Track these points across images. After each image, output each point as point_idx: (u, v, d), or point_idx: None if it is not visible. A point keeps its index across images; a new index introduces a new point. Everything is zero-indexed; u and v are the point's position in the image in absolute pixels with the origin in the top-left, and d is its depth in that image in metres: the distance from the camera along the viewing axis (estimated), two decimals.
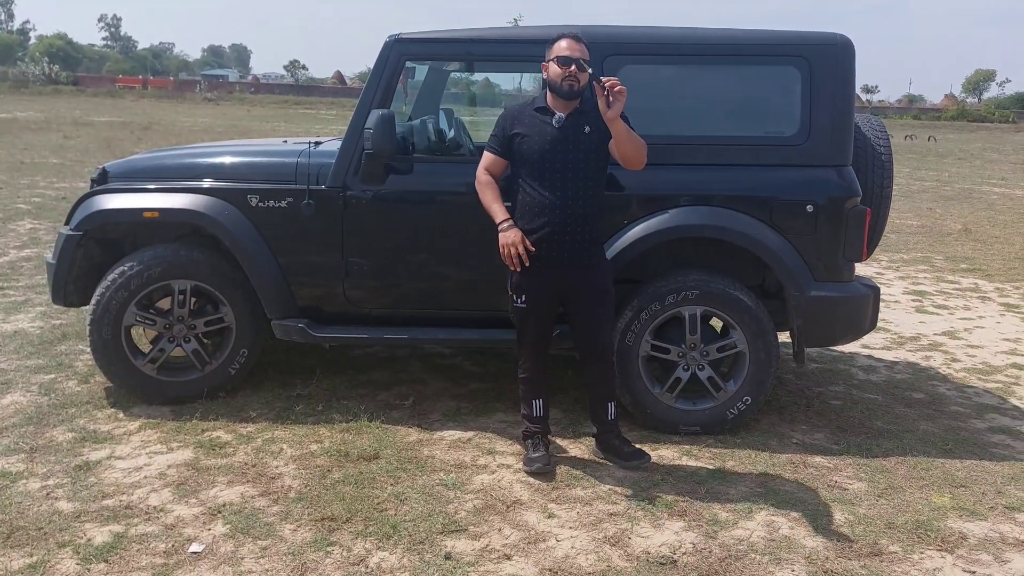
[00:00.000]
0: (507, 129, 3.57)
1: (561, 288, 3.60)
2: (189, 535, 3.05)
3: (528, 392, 3.74)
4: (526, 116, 3.55)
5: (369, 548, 3.00)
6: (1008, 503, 3.49)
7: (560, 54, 3.46)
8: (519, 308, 3.63)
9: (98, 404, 4.22)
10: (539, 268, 3.53)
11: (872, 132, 4.30)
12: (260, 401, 4.31)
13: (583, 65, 3.44)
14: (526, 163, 3.51)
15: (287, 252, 4.14)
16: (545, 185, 3.49)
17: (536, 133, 3.50)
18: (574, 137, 3.49)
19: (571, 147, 3.49)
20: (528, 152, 3.50)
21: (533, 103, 3.59)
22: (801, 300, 3.96)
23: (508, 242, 3.49)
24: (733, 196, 3.97)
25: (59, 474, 3.48)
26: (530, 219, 3.51)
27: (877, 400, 4.70)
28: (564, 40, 3.48)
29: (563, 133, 3.48)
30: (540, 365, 3.73)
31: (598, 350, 3.70)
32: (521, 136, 3.53)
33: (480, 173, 3.64)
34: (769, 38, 4.13)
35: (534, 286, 3.57)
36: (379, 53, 4.08)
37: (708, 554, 3.04)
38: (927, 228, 11.17)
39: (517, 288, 3.60)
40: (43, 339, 5.19)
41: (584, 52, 3.47)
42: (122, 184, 4.27)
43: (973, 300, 7.26)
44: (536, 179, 3.50)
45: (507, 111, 3.64)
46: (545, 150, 3.48)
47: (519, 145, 3.53)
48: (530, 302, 3.59)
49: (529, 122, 3.53)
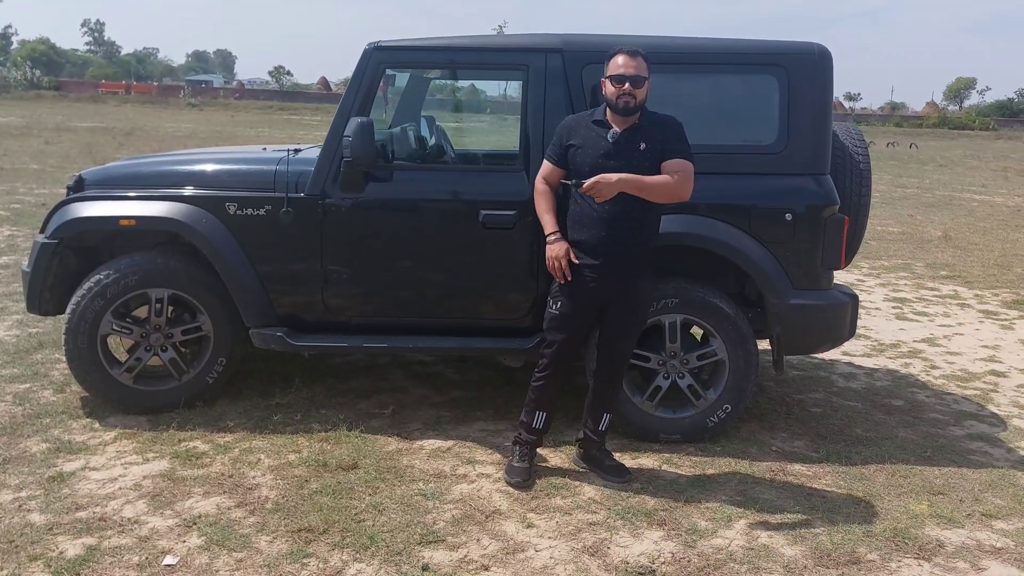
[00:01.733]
0: (564, 140, 3.54)
1: (603, 299, 3.57)
2: (164, 547, 3.02)
3: (536, 401, 3.68)
4: (583, 128, 3.53)
5: (346, 560, 2.98)
6: (985, 510, 3.51)
7: (615, 72, 3.44)
8: (554, 314, 3.58)
9: (73, 414, 4.17)
10: (582, 278, 3.51)
11: (850, 140, 4.32)
12: (238, 410, 4.27)
13: (639, 81, 3.43)
14: (578, 175, 3.47)
15: (266, 260, 4.11)
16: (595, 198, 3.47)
17: (591, 145, 3.48)
18: (628, 152, 3.46)
19: (624, 162, 3.45)
20: (581, 164, 3.48)
21: (592, 114, 3.56)
22: (780, 308, 3.97)
23: (553, 255, 3.49)
24: (712, 204, 3.98)
25: (32, 485, 3.44)
26: (580, 230, 3.51)
27: (857, 407, 4.72)
28: (620, 56, 3.46)
29: (617, 148, 3.46)
30: (558, 376, 3.68)
31: (618, 361, 3.70)
32: (576, 148, 3.50)
33: (538, 181, 3.63)
34: (748, 47, 4.15)
35: (574, 295, 3.53)
36: (359, 61, 4.06)
37: (687, 563, 3.03)
38: (908, 235, 11.25)
39: (556, 295, 3.57)
40: (18, 348, 5.13)
41: (641, 67, 3.44)
42: (98, 191, 4.23)
43: (953, 307, 7.31)
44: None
45: (565, 121, 3.62)
46: (597, 163, 3.45)
47: (573, 156, 3.51)
48: (565, 309, 3.55)
49: (585, 134, 3.51)
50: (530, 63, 4.02)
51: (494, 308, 4.17)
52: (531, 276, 4.02)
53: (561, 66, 4.01)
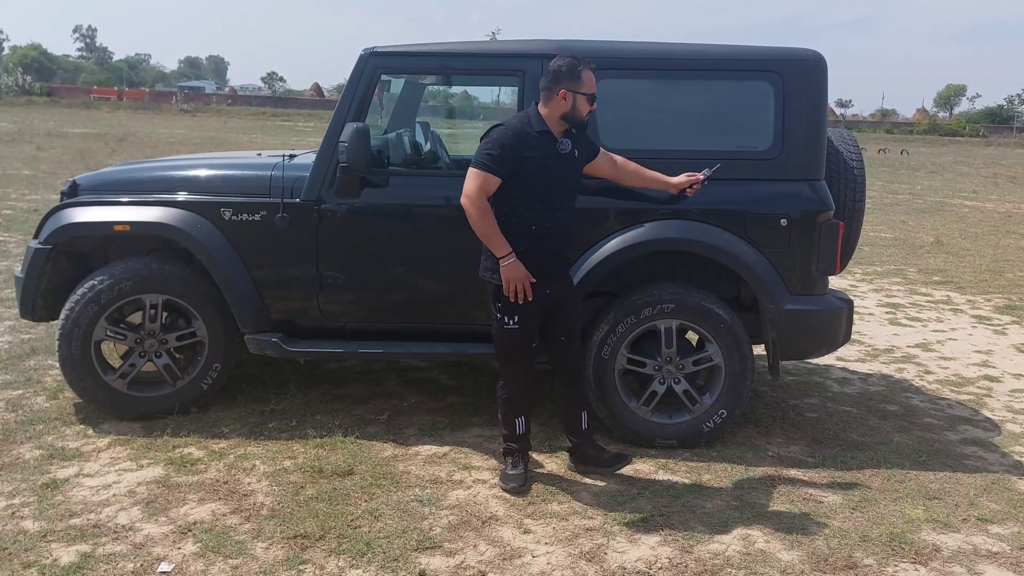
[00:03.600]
0: (517, 151, 3.40)
1: (549, 306, 3.60)
2: (158, 554, 3.00)
3: (510, 412, 3.68)
4: (533, 139, 3.45)
5: (342, 566, 2.96)
6: (981, 515, 3.51)
7: (591, 91, 3.47)
8: (512, 330, 3.55)
9: (67, 420, 4.15)
10: (538, 292, 3.49)
11: (844, 146, 4.34)
12: (233, 416, 4.26)
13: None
14: (528, 187, 3.43)
15: (261, 266, 4.10)
16: (548, 209, 3.48)
17: (546, 156, 3.46)
18: (570, 162, 3.53)
19: (570, 172, 3.52)
20: (538, 176, 3.44)
21: (531, 124, 3.47)
22: (776, 313, 3.98)
23: (514, 277, 3.42)
24: (707, 210, 3.99)
25: (25, 492, 3.41)
26: (529, 243, 3.46)
27: (852, 412, 4.72)
28: (590, 72, 3.48)
29: (565, 159, 3.50)
30: (525, 385, 3.69)
31: (574, 362, 3.71)
32: (530, 160, 3.42)
33: (478, 197, 3.40)
34: (743, 54, 4.16)
35: (529, 308, 3.51)
36: (354, 66, 4.06)
37: (684, 568, 3.03)
38: (900, 241, 11.30)
39: (510, 311, 3.52)
40: (11, 354, 5.10)
41: None
42: (93, 197, 4.21)
43: (945, 312, 7.34)
44: (539, 203, 3.46)
45: (509, 132, 3.44)
46: (555, 176, 3.47)
47: (528, 168, 3.42)
48: (523, 323, 3.54)
49: (538, 145, 3.45)
50: (526, 69, 4.03)
51: (489, 313, 4.15)
52: None
53: None
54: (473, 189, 3.41)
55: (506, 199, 3.46)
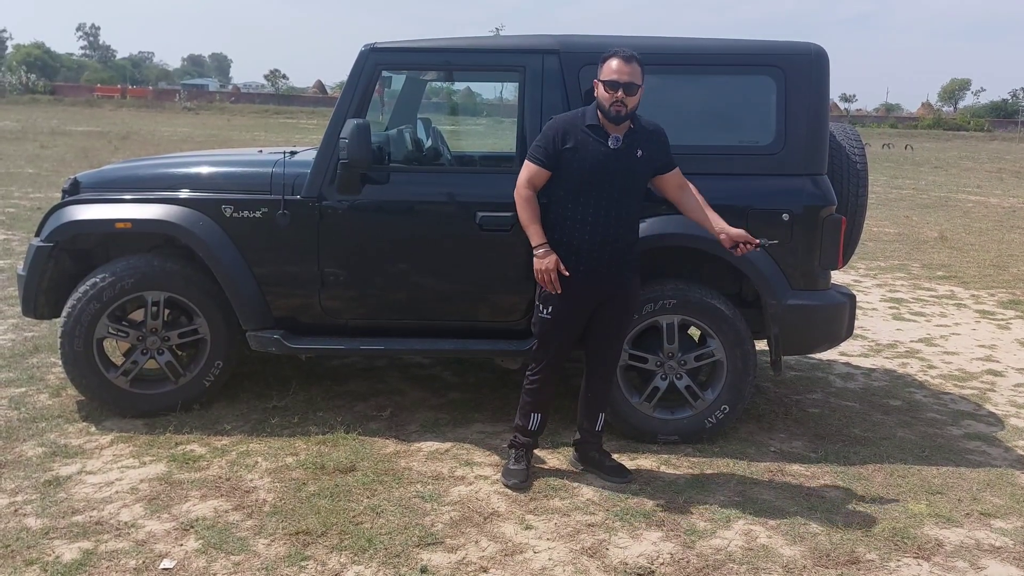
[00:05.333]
0: (557, 143, 3.41)
1: (595, 302, 3.55)
2: (160, 551, 3.00)
3: (531, 404, 3.67)
4: (578, 132, 3.42)
5: (344, 562, 2.96)
6: (984, 509, 3.50)
7: (609, 77, 3.35)
8: (544, 319, 3.54)
9: (69, 418, 4.16)
10: (573, 285, 3.47)
11: (847, 141, 4.32)
12: (235, 413, 4.26)
13: (633, 88, 3.35)
14: (571, 179, 3.42)
15: (262, 263, 4.10)
16: (589, 202, 3.42)
17: (589, 151, 3.40)
18: (626, 160, 3.44)
19: (623, 169, 3.43)
20: (577, 169, 3.41)
21: (584, 117, 3.46)
22: (778, 308, 3.97)
23: (544, 268, 3.41)
24: (709, 205, 3.97)
25: (28, 490, 3.42)
26: (568, 235, 3.45)
27: (855, 407, 4.71)
28: (615, 60, 3.36)
29: (617, 155, 3.42)
30: (551, 379, 3.66)
31: (609, 364, 3.69)
32: (571, 151, 3.41)
33: (522, 187, 3.46)
34: (744, 48, 4.15)
35: (565, 301, 3.49)
36: (354, 62, 4.05)
37: (686, 564, 3.03)
38: (904, 236, 11.27)
39: (546, 299, 3.52)
40: (14, 352, 5.11)
41: (635, 74, 3.35)
42: (94, 194, 4.21)
43: (949, 307, 7.32)
44: (580, 196, 3.42)
45: (556, 123, 3.48)
46: (596, 169, 3.40)
47: (568, 160, 3.42)
48: (556, 315, 3.52)
49: (581, 138, 3.41)
50: (527, 64, 4.02)
51: (491, 310, 4.16)
52: (528, 278, 3.99)
53: (558, 67, 4.01)
54: (520, 179, 3.50)
55: (551, 190, 3.49)
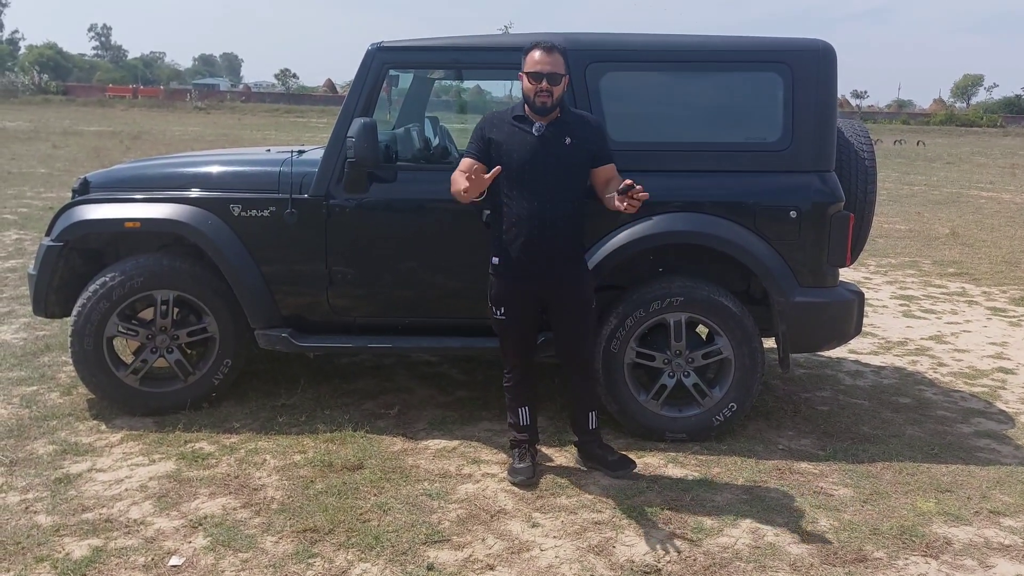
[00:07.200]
0: (484, 133, 3.50)
1: (541, 299, 3.58)
2: (169, 548, 3.02)
3: (513, 401, 3.72)
4: (505, 124, 3.50)
5: (351, 559, 2.97)
6: (993, 508, 3.49)
7: (531, 69, 3.39)
8: (499, 320, 3.61)
9: (80, 416, 4.19)
10: (516, 280, 3.50)
11: (855, 137, 4.30)
12: (244, 412, 4.28)
13: (556, 78, 3.38)
14: (506, 174, 3.45)
15: (270, 261, 4.12)
16: (523, 195, 3.44)
17: (514, 142, 3.45)
18: (555, 148, 3.44)
19: (551, 158, 3.43)
20: (506, 161, 3.44)
21: (512, 111, 3.54)
22: (786, 306, 3.95)
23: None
24: (717, 202, 3.97)
25: (39, 487, 3.45)
26: (507, 229, 3.48)
27: (864, 405, 4.69)
28: (537, 51, 3.40)
29: (543, 143, 3.43)
30: (524, 374, 3.71)
31: (580, 361, 3.68)
32: (497, 143, 3.47)
33: (455, 174, 3.51)
34: (751, 45, 4.14)
35: (513, 298, 3.55)
36: (362, 61, 4.07)
37: (693, 562, 3.02)
38: (915, 232, 11.20)
39: (496, 300, 3.58)
40: (25, 351, 5.15)
41: (557, 64, 3.39)
42: (104, 194, 4.24)
43: (960, 304, 7.27)
44: (514, 189, 3.46)
45: (485, 117, 3.57)
46: (524, 159, 3.43)
47: (496, 153, 3.47)
48: (509, 314, 3.57)
49: (508, 130, 3.48)
50: None
51: None
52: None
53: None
54: (454, 174, 3.53)
55: (498, 188, 3.50)
